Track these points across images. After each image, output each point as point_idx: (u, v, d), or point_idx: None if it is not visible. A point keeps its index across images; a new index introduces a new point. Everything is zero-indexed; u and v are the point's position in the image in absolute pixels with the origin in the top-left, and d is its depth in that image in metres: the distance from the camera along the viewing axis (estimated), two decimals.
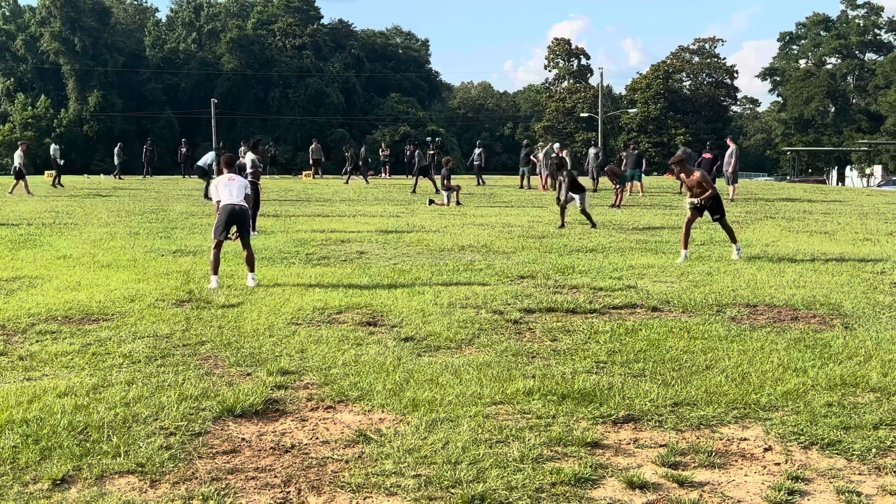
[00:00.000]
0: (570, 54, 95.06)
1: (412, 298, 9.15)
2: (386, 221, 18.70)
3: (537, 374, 6.12)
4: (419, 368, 6.30)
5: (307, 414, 5.37)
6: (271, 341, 7.21)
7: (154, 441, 4.76)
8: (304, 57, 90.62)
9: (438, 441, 4.79)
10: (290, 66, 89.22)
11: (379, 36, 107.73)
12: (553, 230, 16.83)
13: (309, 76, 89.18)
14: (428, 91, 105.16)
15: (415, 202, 25.44)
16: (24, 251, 13.05)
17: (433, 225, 17.93)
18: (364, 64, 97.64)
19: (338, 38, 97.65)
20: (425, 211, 22.34)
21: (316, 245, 14.04)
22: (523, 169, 35.51)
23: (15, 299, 8.95)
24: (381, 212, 21.69)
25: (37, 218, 18.85)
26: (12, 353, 6.73)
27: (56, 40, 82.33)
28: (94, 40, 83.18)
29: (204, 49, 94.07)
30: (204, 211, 21.24)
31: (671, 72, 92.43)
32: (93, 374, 6.10)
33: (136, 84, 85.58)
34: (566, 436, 4.91)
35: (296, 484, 4.28)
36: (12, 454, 4.54)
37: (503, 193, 29.64)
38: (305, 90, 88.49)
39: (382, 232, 16.24)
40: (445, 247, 13.98)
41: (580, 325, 7.88)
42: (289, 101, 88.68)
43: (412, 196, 27.73)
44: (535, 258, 12.54)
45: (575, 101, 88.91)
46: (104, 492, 4.13)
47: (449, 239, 15.13)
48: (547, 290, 9.80)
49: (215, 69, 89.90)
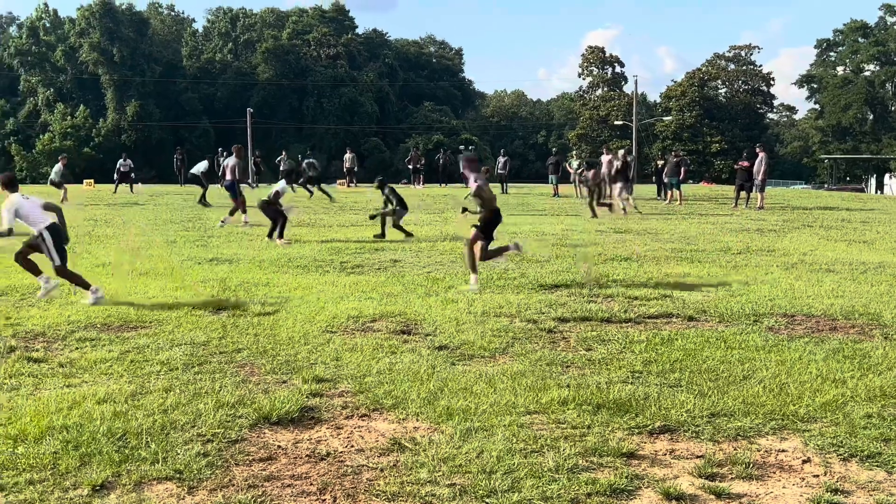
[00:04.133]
0: (604, 62, 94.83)
1: (446, 307, 9.16)
2: (419, 230, 18.73)
3: (572, 384, 6.10)
4: (453, 377, 6.30)
5: (342, 422, 5.40)
6: (306, 349, 7.25)
7: (192, 448, 4.81)
8: (339, 66, 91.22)
9: (473, 450, 4.79)
10: (325, 76, 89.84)
11: (413, 45, 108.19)
12: (587, 238, 16.75)
13: (343, 85, 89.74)
14: (461, 99, 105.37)
15: (448, 210, 25.46)
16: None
17: (466, 234, 17.90)
18: (398, 73, 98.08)
19: (372, 47, 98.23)
20: (458, 220, 22.33)
21: (350, 253, 14.10)
22: (552, 177, 35.52)
23: (55, 307, 9.08)
24: (415, 220, 21.73)
25: (76, 226, 19.12)
26: (52, 360, 6.83)
27: (95, 51, 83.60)
28: (133, 51, 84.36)
29: (240, 59, 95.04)
30: (239, 219, 21.41)
31: (706, 79, 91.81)
32: (131, 381, 6.18)
33: (174, 94, 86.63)
34: (601, 446, 4.88)
35: (331, 492, 4.30)
36: (53, 460, 4.60)
37: (536, 202, 29.58)
38: (340, 99, 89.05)
39: (416, 240, 16.27)
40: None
41: (615, 335, 7.84)
42: (323, 111, 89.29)
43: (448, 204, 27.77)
44: (570, 267, 12.50)
45: (609, 109, 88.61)
46: (143, 498, 4.18)
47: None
48: (581, 298, 9.76)
49: (251, 79, 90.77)
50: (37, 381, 6.24)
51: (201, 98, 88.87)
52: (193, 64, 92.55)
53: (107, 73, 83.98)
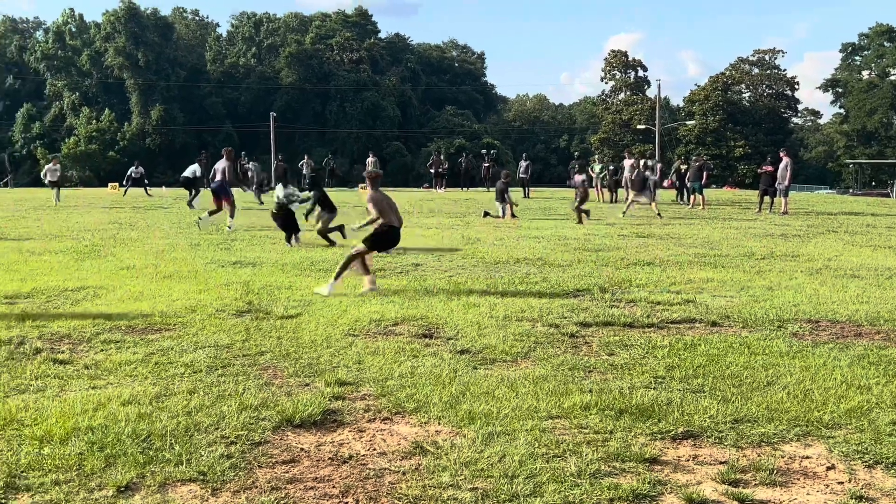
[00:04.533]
0: (626, 66, 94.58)
1: (468, 311, 9.17)
2: (441, 233, 18.77)
3: (594, 389, 6.09)
4: (475, 381, 6.30)
5: (364, 425, 5.41)
6: (329, 352, 7.28)
7: (215, 450, 4.84)
8: (361, 71, 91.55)
9: (495, 454, 4.79)
10: (348, 80, 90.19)
11: (435, 49, 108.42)
12: (609, 243, 16.71)
13: (366, 90, 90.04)
14: (483, 103, 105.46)
15: (470, 214, 25.48)
16: (88, 262, 13.36)
17: (488, 237, 17.94)
18: (420, 77, 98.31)
19: (394, 51, 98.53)
20: (480, 223, 22.36)
21: (372, 257, 14.11)
22: None
23: (81, 309, 9.17)
24: (436, 224, 21.76)
25: (101, 229, 19.30)
26: (78, 362, 6.90)
27: (120, 55, 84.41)
28: (157, 55, 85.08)
29: (263, 63, 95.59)
30: (262, 223, 21.52)
31: (730, 83, 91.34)
32: (155, 383, 6.23)
33: (198, 98, 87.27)
34: (624, 451, 4.87)
35: (353, 495, 4.31)
36: (78, 461, 4.65)
37: (558, 206, 29.52)
38: (362, 103, 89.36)
39: (437, 244, 16.29)
40: (501, 259, 13.98)
41: (638, 340, 7.82)
42: (346, 115, 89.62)
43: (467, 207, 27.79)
44: (592, 271, 12.47)
45: (632, 113, 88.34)
46: (167, 499, 4.21)
47: (504, 252, 15.12)
48: (604, 303, 9.74)
49: (274, 83, 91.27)
50: (62, 382, 6.30)
51: (225, 102, 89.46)
52: (217, 68, 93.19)
53: (132, 77, 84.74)
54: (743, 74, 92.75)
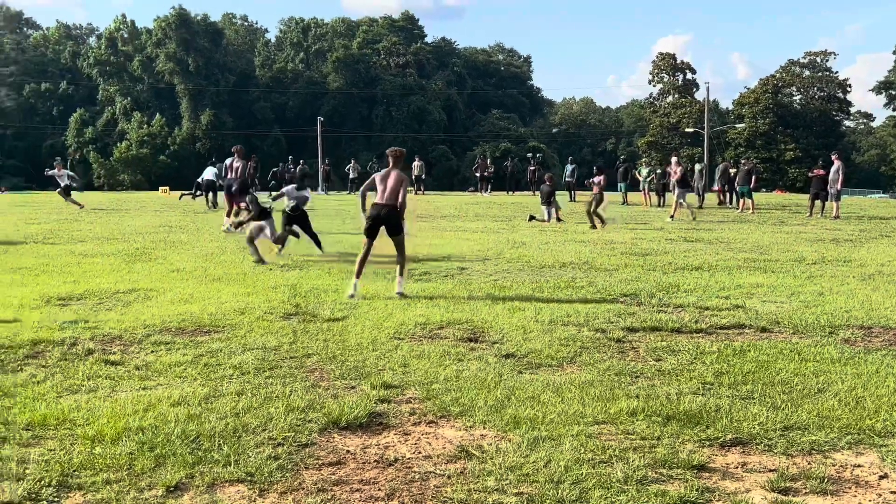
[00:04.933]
0: (675, 69, 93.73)
1: (513, 315, 9.15)
2: (487, 237, 18.76)
3: (641, 395, 6.03)
4: (520, 385, 6.29)
5: (410, 428, 5.43)
6: (374, 355, 7.31)
7: (263, 451, 4.89)
8: (408, 75, 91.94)
9: (540, 459, 4.77)
10: (394, 84, 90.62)
11: (481, 53, 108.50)
12: (657, 247, 16.57)
13: (412, 94, 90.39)
14: (529, 107, 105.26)
15: (515, 218, 25.43)
16: (139, 264, 13.59)
17: (534, 241, 17.89)
18: (466, 81, 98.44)
19: (441, 55, 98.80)
20: (526, 227, 22.31)
21: (417, 260, 14.17)
22: (621, 184, 35.25)
23: (132, 311, 9.32)
24: (482, 228, 21.76)
25: (151, 232, 19.61)
26: (129, 363, 7.01)
27: (171, 61, 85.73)
28: (207, 60, 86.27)
29: (311, 68, 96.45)
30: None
31: (780, 86, 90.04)
32: (205, 385, 6.31)
33: (246, 103, 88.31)
34: (671, 458, 4.82)
35: (399, 497, 4.32)
36: (129, 461, 4.72)
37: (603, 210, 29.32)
38: (408, 108, 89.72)
39: (483, 248, 16.29)
40: (546, 263, 13.93)
41: (686, 345, 7.73)
42: (392, 119, 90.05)
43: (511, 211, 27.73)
44: (639, 276, 12.38)
45: (680, 116, 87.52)
46: (215, 499, 4.26)
47: (550, 255, 15.07)
48: (651, 308, 9.65)
49: (321, 88, 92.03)
50: (114, 383, 6.41)
51: (273, 107, 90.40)
52: (266, 73, 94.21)
53: (182, 82, 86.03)
54: (794, 77, 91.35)
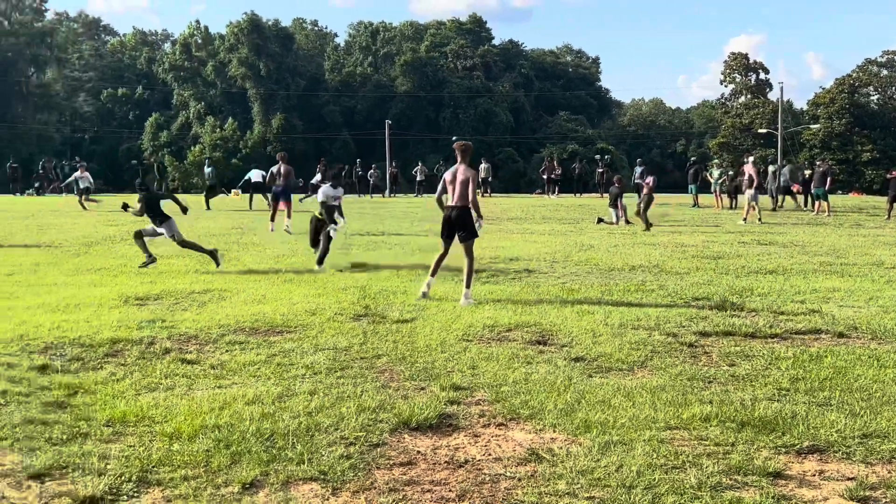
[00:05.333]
0: (747, 69, 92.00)
1: (582, 318, 9.09)
2: (554, 240, 18.67)
3: (714, 400, 5.94)
4: (590, 389, 6.25)
5: (479, 430, 5.44)
6: (443, 357, 7.34)
7: (335, 450, 4.95)
8: (475, 77, 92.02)
9: (612, 464, 4.74)
10: (461, 87, 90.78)
11: (549, 55, 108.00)
12: (729, 250, 16.29)
13: (479, 96, 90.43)
14: (597, 108, 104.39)
15: (583, 220, 25.27)
16: (213, 265, 13.85)
17: (602, 244, 17.75)
18: (533, 83, 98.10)
19: (508, 57, 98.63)
20: (594, 229, 22.14)
21: (485, 263, 14.17)
22: (692, 186, 34.77)
23: (207, 311, 9.52)
24: (549, 230, 21.67)
25: (224, 234, 20.00)
26: (205, 362, 7.17)
27: (243, 66, 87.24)
28: (278, 65, 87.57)
29: (379, 72, 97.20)
30: (378, 229, 21.90)
31: (857, 86, 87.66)
32: (278, 384, 6.41)
33: (316, 106, 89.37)
34: (746, 464, 4.74)
35: (470, 499, 4.34)
36: (205, 458, 4.82)
37: (674, 212, 28.96)
38: (475, 110, 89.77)
39: (550, 250, 16.21)
40: (615, 266, 13.81)
41: (760, 350, 7.59)
42: (459, 122, 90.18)
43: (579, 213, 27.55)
44: (711, 279, 12.18)
45: (752, 117, 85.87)
46: (290, 497, 4.33)
47: (619, 258, 14.94)
48: (724, 312, 9.49)
49: (389, 91, 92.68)
50: (190, 381, 6.56)
51: (342, 110, 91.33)
52: (335, 77, 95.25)
53: (254, 87, 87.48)
54: (871, 76, 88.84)
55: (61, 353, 7.39)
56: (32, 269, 13.40)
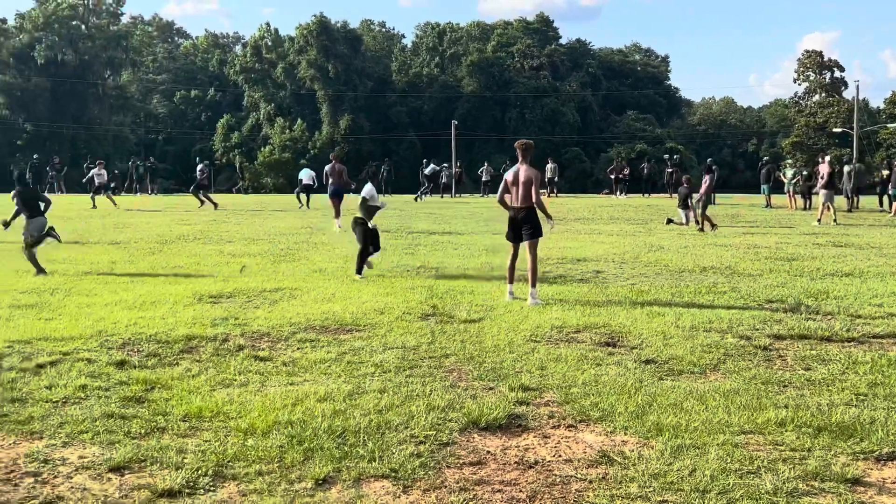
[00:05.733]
0: (822, 66, 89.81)
1: (652, 320, 8.99)
2: (622, 241, 18.49)
3: (790, 405, 5.82)
4: (662, 392, 6.18)
5: (549, 431, 5.42)
6: (511, 357, 7.34)
7: (405, 448, 4.98)
8: (541, 77, 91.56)
9: (685, 468, 4.68)
10: (527, 87, 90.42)
11: (617, 54, 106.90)
12: (803, 252, 15.94)
13: (545, 96, 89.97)
14: (666, 107, 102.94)
15: (652, 221, 24.97)
16: (284, 264, 14.07)
17: (672, 245, 17.51)
18: (601, 82, 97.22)
19: (575, 57, 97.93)
20: (663, 230, 21.87)
21: (552, 263, 14.11)
22: (764, 186, 34.08)
23: (278, 309, 9.67)
24: (617, 231, 21.46)
25: (294, 233, 20.27)
26: (277, 359, 7.28)
27: (312, 67, 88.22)
28: (346, 66, 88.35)
29: (446, 72, 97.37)
30: (444, 229, 21.97)
31: None
32: (348, 382, 6.48)
33: (383, 107, 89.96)
34: (823, 470, 4.63)
35: (540, 500, 4.33)
36: (279, 453, 4.90)
37: (746, 213, 28.45)
38: (541, 110, 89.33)
39: (619, 251, 16.06)
40: (686, 268, 13.62)
41: (837, 355, 7.41)
42: (525, 121, 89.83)
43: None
44: (785, 281, 11.93)
45: (827, 116, 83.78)
46: (361, 494, 4.38)
47: (689, 259, 14.72)
48: (799, 315, 9.28)
49: (456, 91, 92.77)
50: (263, 378, 6.67)
51: (409, 111, 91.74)
52: (402, 78, 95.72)
53: (322, 88, 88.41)
54: None
55: (139, 350, 7.58)
56: (109, 266, 13.77)
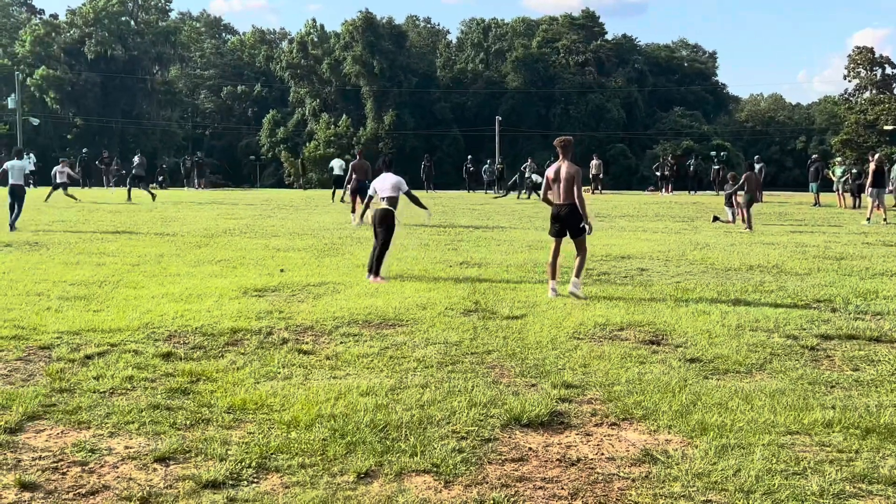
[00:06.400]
0: (873, 63, 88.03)
1: (697, 318, 8.90)
2: (668, 238, 18.32)
3: (837, 405, 5.73)
4: (706, 391, 6.11)
5: (591, 429, 5.39)
6: (554, 354, 7.31)
7: (447, 443, 4.99)
8: (587, 73, 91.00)
9: (729, 468, 4.62)
10: (572, 83, 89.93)
11: (664, 49, 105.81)
12: (852, 251, 15.66)
13: (590, 92, 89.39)
14: (713, 104, 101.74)
15: (698, 219, 24.71)
16: (328, 259, 14.17)
17: (718, 243, 17.31)
18: (647, 78, 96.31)
19: (621, 52, 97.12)
20: (709, 228, 21.62)
21: (596, 260, 14.02)
22: (812, 184, 33.55)
23: (322, 303, 9.74)
24: (663, 228, 21.27)
25: (338, 228, 20.39)
26: (320, 353, 7.34)
27: (357, 63, 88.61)
28: (391, 62, 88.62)
29: (490, 68, 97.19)
30: (487, 224, 21.95)
31: None
32: (390, 376, 6.51)
33: (427, 103, 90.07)
34: (871, 472, 4.55)
35: (582, 497, 4.31)
36: (322, 446, 4.94)
37: (794, 211, 28.03)
38: (586, 106, 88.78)
39: (664, 249, 15.91)
40: (732, 266, 13.45)
41: (886, 355, 7.28)
42: (569, 118, 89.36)
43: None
44: (833, 281, 11.74)
45: (878, 114, 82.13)
46: (403, 488, 4.39)
47: (736, 258, 14.54)
48: (847, 315, 9.13)
49: (500, 87, 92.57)
50: (306, 371, 6.73)
51: (453, 107, 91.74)
52: (446, 74, 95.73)
53: (367, 84, 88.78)
54: None
55: (184, 342, 7.69)
56: (157, 259, 13.97)
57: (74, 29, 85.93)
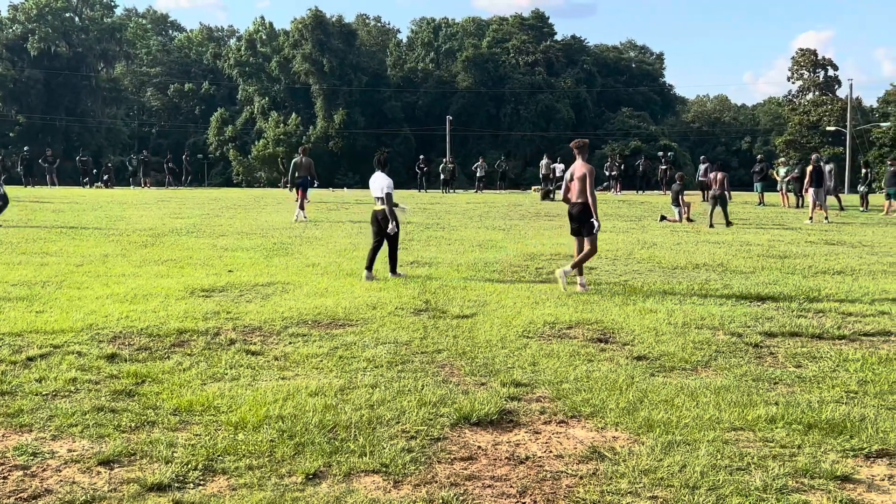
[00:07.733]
0: (815, 65, 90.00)
1: (644, 316, 9.00)
2: (616, 237, 18.50)
3: (780, 401, 5.84)
4: (653, 388, 6.18)
5: (540, 427, 5.42)
6: (504, 353, 7.34)
7: (397, 443, 4.98)
8: (536, 73, 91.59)
9: (675, 464, 4.68)
10: (522, 83, 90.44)
11: (612, 50, 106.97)
12: (796, 250, 15.97)
13: (540, 92, 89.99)
14: (661, 105, 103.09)
15: (645, 218, 25.00)
16: (277, 258, 14.05)
17: (665, 242, 17.54)
18: (595, 79, 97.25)
19: (570, 53, 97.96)
20: (656, 227, 21.89)
21: (545, 259, 14.12)
22: (757, 185, 34.13)
23: (270, 303, 9.66)
24: (611, 227, 21.47)
25: (287, 228, 20.24)
26: (268, 354, 7.27)
27: (307, 62, 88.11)
28: (341, 61, 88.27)
29: (441, 68, 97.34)
30: (438, 224, 21.96)
31: None
32: (340, 376, 6.48)
33: (378, 102, 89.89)
34: (813, 467, 4.65)
35: (531, 495, 4.33)
36: (270, 447, 4.90)
37: (740, 210, 28.48)
38: (536, 106, 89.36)
39: (612, 248, 16.07)
40: (678, 265, 13.64)
41: (827, 352, 7.43)
42: (520, 118, 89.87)
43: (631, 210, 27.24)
44: (777, 279, 11.96)
45: (820, 115, 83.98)
46: (352, 489, 4.37)
47: (682, 256, 14.75)
48: (790, 313, 9.31)
49: (450, 87, 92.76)
50: (254, 372, 6.66)
51: (403, 106, 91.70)
52: (397, 73, 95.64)
53: (317, 82, 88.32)
54: None
55: (129, 343, 7.56)
56: (101, 259, 13.74)
57: (17, 25, 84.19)
